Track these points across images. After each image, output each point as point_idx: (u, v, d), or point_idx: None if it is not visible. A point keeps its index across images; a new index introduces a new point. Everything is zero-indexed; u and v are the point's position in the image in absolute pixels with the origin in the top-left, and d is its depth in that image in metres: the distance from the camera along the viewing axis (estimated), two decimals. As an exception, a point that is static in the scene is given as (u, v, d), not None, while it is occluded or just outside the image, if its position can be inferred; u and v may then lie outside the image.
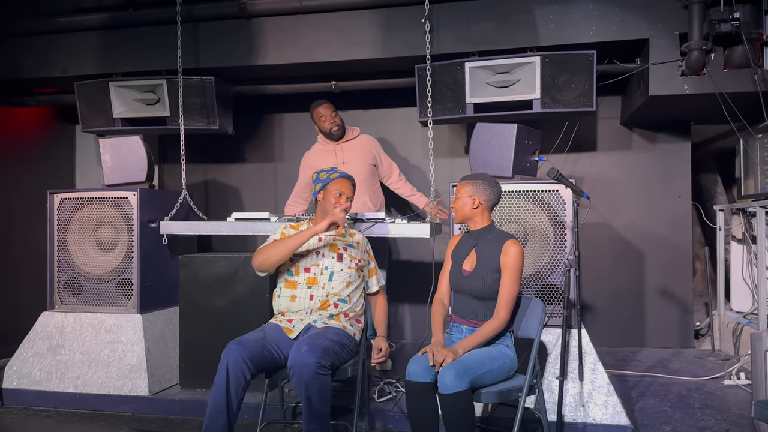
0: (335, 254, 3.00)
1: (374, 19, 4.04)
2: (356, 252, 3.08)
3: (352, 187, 3.07)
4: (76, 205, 3.89)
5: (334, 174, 3.03)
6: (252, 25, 4.21)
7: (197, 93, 4.20)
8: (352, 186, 3.07)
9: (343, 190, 3.00)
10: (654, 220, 4.78)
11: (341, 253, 3.02)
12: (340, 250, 3.03)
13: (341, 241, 3.06)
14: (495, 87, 3.84)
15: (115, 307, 3.81)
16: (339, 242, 3.05)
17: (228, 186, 5.41)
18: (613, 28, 3.79)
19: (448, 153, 5.02)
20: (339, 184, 3.01)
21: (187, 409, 3.49)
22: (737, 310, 4.64)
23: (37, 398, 3.69)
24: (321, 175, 3.06)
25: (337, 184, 3.01)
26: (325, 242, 3.02)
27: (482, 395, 2.51)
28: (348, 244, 3.07)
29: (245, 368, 2.61)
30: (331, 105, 4.18)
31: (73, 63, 4.46)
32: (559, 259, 3.28)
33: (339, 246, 3.04)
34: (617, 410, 3.03)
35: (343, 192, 3.00)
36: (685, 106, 4.20)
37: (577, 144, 4.66)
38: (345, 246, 3.06)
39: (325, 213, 3.00)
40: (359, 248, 3.11)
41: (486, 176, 2.81)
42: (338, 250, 3.02)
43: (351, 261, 3.02)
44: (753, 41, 3.63)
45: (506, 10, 3.89)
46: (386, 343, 3.03)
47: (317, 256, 2.99)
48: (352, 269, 3.01)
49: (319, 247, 3.01)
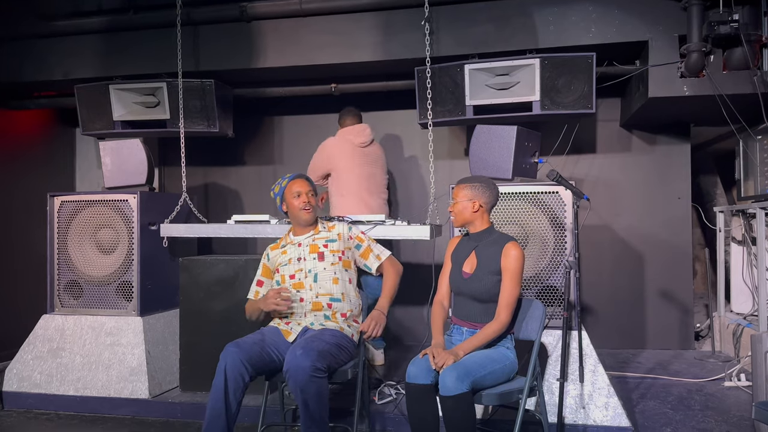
0: (316, 254, 2.99)
1: (374, 22, 4.05)
2: (338, 244, 3.04)
3: (307, 181, 3.06)
4: (76, 207, 3.89)
5: (284, 181, 3.05)
6: (252, 28, 4.21)
7: (197, 96, 4.20)
8: (307, 180, 3.06)
9: (299, 188, 3.01)
10: (654, 222, 4.78)
11: (322, 252, 3.00)
12: (321, 248, 3.01)
13: (320, 239, 3.04)
14: (495, 89, 3.84)
15: (115, 310, 3.81)
16: (318, 241, 3.03)
17: (228, 188, 5.42)
18: (612, 30, 3.80)
19: (447, 155, 5.03)
20: (292, 185, 3.02)
21: (188, 411, 3.49)
22: (737, 311, 4.64)
23: (38, 401, 3.69)
24: (275, 189, 3.09)
25: (291, 186, 3.02)
26: (304, 246, 3.02)
27: (483, 397, 2.51)
28: (328, 239, 3.04)
29: (243, 371, 2.61)
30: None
31: (73, 66, 4.46)
32: (559, 260, 3.28)
33: (319, 245, 3.02)
34: (618, 412, 3.03)
35: (300, 190, 3.00)
36: (684, 108, 4.20)
37: (577, 146, 4.67)
38: (325, 243, 3.03)
39: (296, 219, 3.04)
40: (341, 239, 3.06)
41: (483, 178, 2.80)
42: (318, 249, 3.00)
43: (333, 256, 2.99)
44: (752, 43, 3.63)
45: (506, 13, 3.90)
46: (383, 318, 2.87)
47: (299, 261, 2.99)
48: (336, 264, 2.98)
49: (300, 253, 3.00)
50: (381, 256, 3.10)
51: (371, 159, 4.17)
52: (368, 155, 4.17)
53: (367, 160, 4.15)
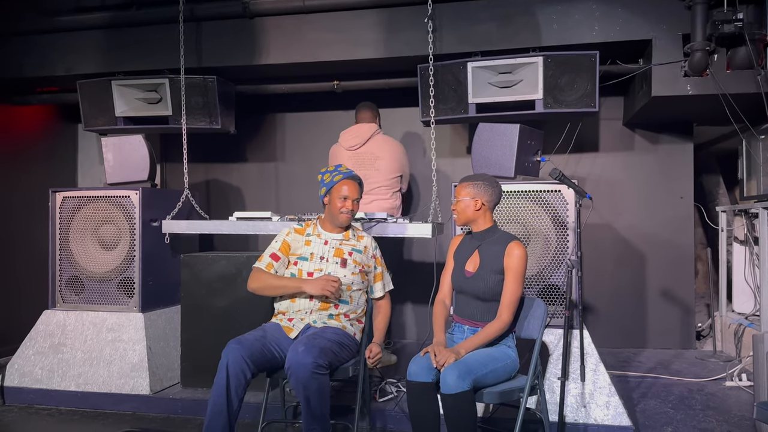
0: (339, 260, 2.94)
1: (377, 19, 4.04)
2: (362, 257, 2.99)
3: (359, 187, 2.98)
4: (78, 203, 3.90)
5: (338, 176, 2.94)
6: (254, 25, 4.21)
7: (199, 92, 4.20)
8: (359, 186, 2.99)
9: (348, 193, 2.92)
10: (656, 221, 4.77)
11: (345, 259, 2.95)
12: (345, 255, 2.96)
13: (347, 245, 2.99)
14: (497, 87, 3.83)
15: (116, 306, 3.81)
16: (345, 246, 2.98)
17: (230, 185, 5.42)
18: (615, 29, 3.79)
19: (450, 153, 5.02)
20: (343, 186, 2.93)
21: (189, 408, 3.49)
22: (739, 311, 4.63)
23: (39, 396, 3.69)
24: (325, 177, 2.97)
25: (342, 186, 2.93)
26: (330, 246, 2.97)
27: (484, 396, 2.50)
28: (354, 248, 2.99)
29: (245, 367, 2.60)
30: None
31: (75, 62, 4.46)
32: (561, 259, 3.28)
33: (344, 251, 2.97)
34: (619, 411, 3.03)
35: (348, 195, 2.92)
36: (687, 107, 4.19)
37: (580, 144, 4.66)
38: (351, 251, 2.98)
39: (332, 217, 2.96)
40: (366, 253, 3.02)
41: (486, 176, 2.79)
42: (343, 255, 2.95)
43: (355, 267, 2.95)
44: (756, 42, 3.62)
45: (509, 11, 3.89)
46: (379, 347, 2.92)
47: (321, 261, 2.94)
48: (356, 275, 2.94)
49: (324, 252, 2.96)
50: (386, 289, 3.10)
51: (363, 161, 4.09)
52: (359, 157, 4.09)
53: (358, 163, 4.07)
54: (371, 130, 4.14)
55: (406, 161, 4.24)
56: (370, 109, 4.23)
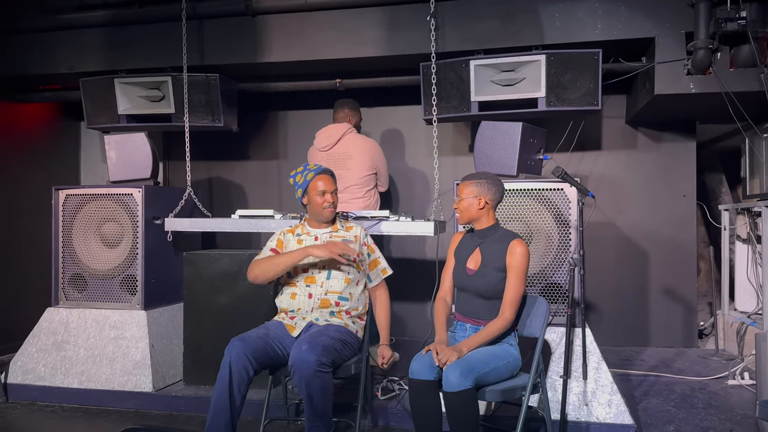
0: None
1: (379, 17, 4.04)
2: (354, 246, 3.00)
3: (333, 179, 2.99)
4: (81, 201, 3.90)
5: (309, 173, 2.95)
6: (257, 23, 4.21)
7: (202, 90, 4.20)
8: (332, 178, 2.99)
9: (324, 187, 2.93)
10: (658, 220, 4.77)
11: None
12: None
13: (337, 237, 3.01)
14: (500, 85, 3.83)
15: (119, 304, 3.82)
16: (336, 239, 3.00)
17: (232, 183, 5.42)
18: (618, 27, 3.78)
19: (452, 151, 5.02)
20: (318, 181, 2.93)
21: (191, 405, 3.50)
22: (741, 310, 4.63)
23: (42, 393, 3.70)
24: (297, 179, 2.97)
25: (317, 182, 2.93)
26: (321, 241, 2.98)
27: (486, 394, 2.51)
28: (346, 239, 3.02)
29: (248, 365, 2.61)
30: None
31: (78, 60, 4.46)
32: (563, 257, 3.28)
33: None
34: (621, 409, 3.03)
35: (326, 189, 2.93)
36: (690, 106, 4.18)
37: (582, 143, 4.65)
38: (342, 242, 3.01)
39: (316, 215, 2.98)
40: (357, 242, 3.04)
41: (489, 174, 2.78)
42: None
43: (349, 257, 2.97)
44: (759, 40, 3.60)
45: (511, 9, 3.88)
46: (390, 351, 2.93)
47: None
48: (350, 265, 2.96)
49: None
50: (386, 271, 3.08)
51: (335, 161, 4.03)
52: (331, 158, 4.05)
53: (331, 163, 3.98)
54: (343, 130, 4.08)
55: (380, 159, 4.16)
56: (345, 107, 4.20)
